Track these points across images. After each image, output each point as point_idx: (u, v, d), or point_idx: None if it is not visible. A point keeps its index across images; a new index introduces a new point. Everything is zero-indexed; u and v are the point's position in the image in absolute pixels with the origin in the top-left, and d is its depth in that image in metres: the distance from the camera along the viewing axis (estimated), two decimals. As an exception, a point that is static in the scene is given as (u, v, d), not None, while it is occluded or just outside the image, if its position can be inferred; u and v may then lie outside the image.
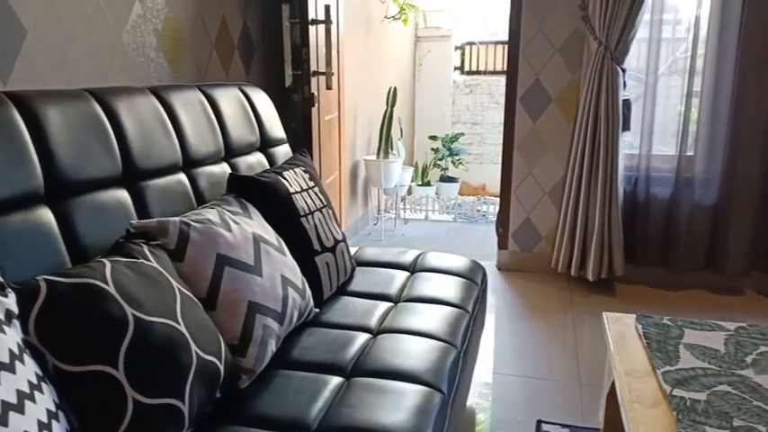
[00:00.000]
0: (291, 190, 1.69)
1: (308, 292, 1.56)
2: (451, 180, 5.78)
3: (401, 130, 4.56)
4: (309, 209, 1.71)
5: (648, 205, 3.00)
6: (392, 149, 4.19)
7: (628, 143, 3.03)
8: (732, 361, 1.45)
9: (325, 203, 1.80)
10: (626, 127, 2.90)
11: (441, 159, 5.70)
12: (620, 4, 2.72)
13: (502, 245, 3.40)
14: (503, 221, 3.38)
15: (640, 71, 2.99)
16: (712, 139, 2.88)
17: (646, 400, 1.29)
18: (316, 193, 1.79)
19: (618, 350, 1.52)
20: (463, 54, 6.04)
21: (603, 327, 1.66)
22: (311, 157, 2.54)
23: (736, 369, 1.41)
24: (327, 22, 2.46)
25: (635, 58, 2.98)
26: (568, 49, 3.03)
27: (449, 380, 1.35)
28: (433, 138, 5.71)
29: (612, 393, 1.57)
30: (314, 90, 2.50)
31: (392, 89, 4.03)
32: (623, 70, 2.83)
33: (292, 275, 1.49)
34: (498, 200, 3.43)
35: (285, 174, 1.72)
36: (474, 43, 5.97)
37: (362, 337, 1.51)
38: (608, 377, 1.63)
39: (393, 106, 4.04)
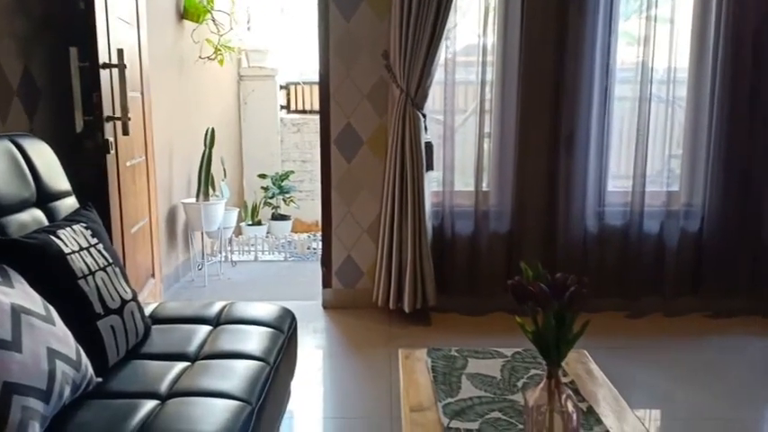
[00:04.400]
0: (67, 250, 1.56)
1: (85, 361, 1.44)
2: (283, 218, 5.77)
3: (224, 170, 4.46)
4: (90, 269, 1.60)
5: (454, 237, 3.23)
6: (214, 191, 4.09)
7: (436, 179, 3.24)
8: (506, 387, 1.59)
9: (110, 261, 1.70)
10: (429, 167, 3.10)
11: (271, 198, 5.68)
12: (417, 55, 2.93)
13: (326, 283, 3.44)
14: (325, 260, 3.42)
15: (440, 112, 3.22)
16: (502, 175, 3.18)
17: (425, 436, 1.37)
18: (99, 251, 1.68)
19: (407, 386, 1.60)
20: (288, 93, 6.12)
21: (399, 364, 1.74)
22: (109, 206, 2.40)
23: (508, 394, 1.55)
24: (121, 65, 2.36)
25: (437, 100, 3.21)
26: (375, 95, 3.19)
27: (236, 441, 1.32)
28: (263, 176, 5.67)
29: (407, 429, 1.64)
30: (109, 136, 2.37)
31: (209, 130, 3.95)
32: (424, 115, 3.04)
33: (63, 346, 1.36)
34: (328, 237, 3.47)
35: (60, 232, 1.60)
36: (298, 83, 6.08)
37: (149, 405, 1.43)
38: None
39: (211, 147, 3.95)
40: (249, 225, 5.34)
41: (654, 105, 3.17)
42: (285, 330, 1.93)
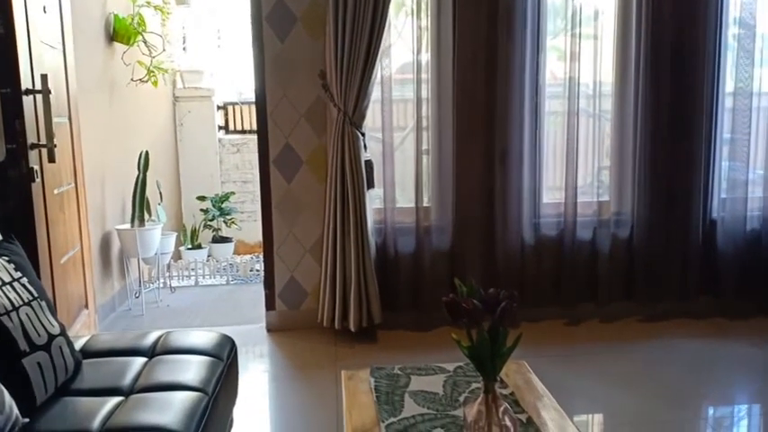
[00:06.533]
0: (-13, 286, 1.49)
1: (10, 402, 1.37)
2: (225, 240, 5.65)
3: (160, 193, 4.35)
4: (13, 305, 1.52)
5: (397, 254, 3.25)
6: (150, 215, 3.98)
7: (378, 196, 3.25)
8: (447, 403, 1.60)
9: (35, 295, 1.62)
10: (370, 185, 3.12)
11: (212, 220, 5.56)
12: (353, 75, 2.95)
13: (269, 305, 3.39)
14: (268, 282, 3.38)
15: (378, 130, 3.24)
16: (442, 191, 3.23)
17: (368, 458, 1.36)
18: (23, 285, 1.60)
19: (350, 407, 1.59)
20: (227, 113, 6.03)
21: (340, 383, 1.73)
22: (35, 237, 2.29)
23: (450, 410, 1.56)
24: (45, 91, 2.27)
25: (376, 118, 3.23)
26: (313, 115, 3.20)
27: (173, 476, 1.28)
28: (202, 198, 5.55)
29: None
30: (34, 164, 2.27)
31: (143, 153, 3.85)
32: (363, 134, 3.06)
33: (-17, 389, 1.29)
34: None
35: (-21, 268, 1.52)
36: (236, 103, 6.01)
37: (79, 445, 1.37)
38: (347, 436, 1.69)
39: (146, 171, 3.85)
40: (189, 249, 5.21)
41: (583, 119, 3.30)
42: (224, 358, 1.89)
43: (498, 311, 1.12)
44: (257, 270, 4.77)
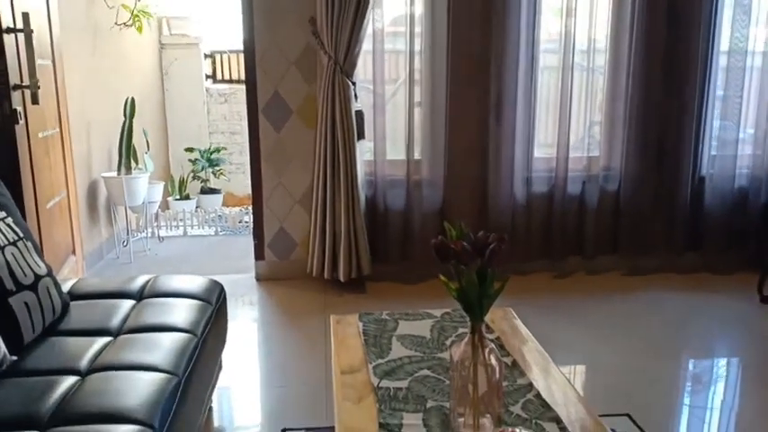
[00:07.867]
0: (-29, 225, 1.47)
1: (-3, 340, 1.37)
2: (214, 191, 5.63)
3: (147, 142, 4.29)
4: (-2, 244, 1.51)
5: (387, 207, 3.24)
6: (137, 164, 3.93)
7: (369, 149, 3.22)
8: (435, 346, 1.62)
9: (21, 235, 1.61)
10: (360, 136, 3.09)
11: (200, 171, 5.52)
12: (344, 21, 2.89)
13: (259, 256, 3.39)
14: (257, 232, 3.37)
15: (370, 82, 3.19)
16: (434, 145, 3.21)
17: (355, 396, 1.38)
18: (8, 225, 1.59)
19: (338, 350, 1.61)
20: (214, 62, 5.91)
21: (329, 329, 1.75)
22: (20, 180, 2.26)
23: (437, 353, 1.59)
24: (27, 30, 2.20)
25: (367, 70, 3.18)
26: (303, 63, 3.13)
27: (162, 413, 1.29)
28: (190, 150, 5.49)
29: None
30: (17, 105, 2.22)
31: (129, 99, 3.77)
32: (353, 83, 3.01)
33: (-30, 325, 1.29)
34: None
35: (-37, 206, 1.50)
36: (224, 52, 5.88)
37: (68, 381, 1.37)
38: (335, 377, 1.71)
39: (132, 117, 3.78)
40: (177, 199, 5.18)
41: (576, 74, 3.25)
42: (213, 302, 1.90)
43: (487, 253, 1.13)
44: (246, 222, 4.76)
